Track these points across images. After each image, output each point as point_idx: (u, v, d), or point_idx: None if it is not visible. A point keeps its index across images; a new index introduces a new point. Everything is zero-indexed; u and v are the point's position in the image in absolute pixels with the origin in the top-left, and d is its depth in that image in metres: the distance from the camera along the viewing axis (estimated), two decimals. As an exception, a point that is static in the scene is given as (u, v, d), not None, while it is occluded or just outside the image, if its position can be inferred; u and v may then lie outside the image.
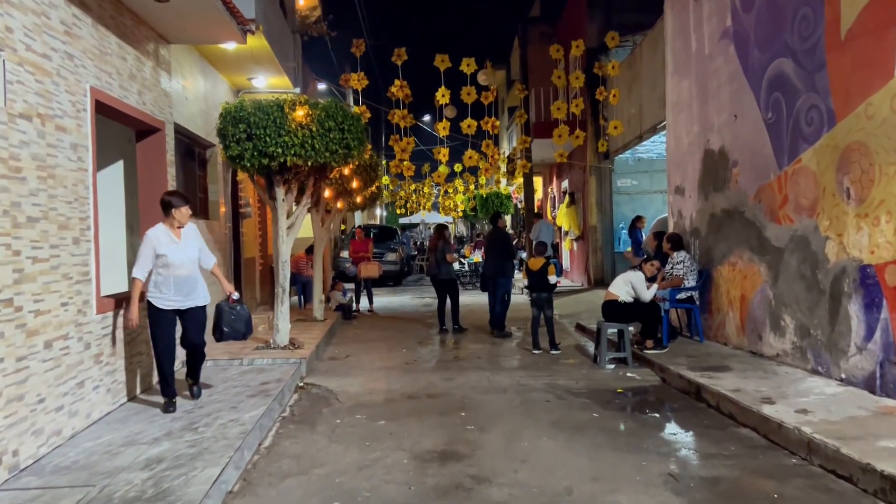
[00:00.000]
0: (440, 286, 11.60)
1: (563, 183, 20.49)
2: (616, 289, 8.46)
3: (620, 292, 8.41)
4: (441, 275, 11.43)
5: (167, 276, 5.89)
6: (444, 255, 11.41)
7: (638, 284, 8.33)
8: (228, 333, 6.66)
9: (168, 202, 5.96)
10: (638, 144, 13.97)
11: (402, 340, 10.72)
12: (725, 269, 8.46)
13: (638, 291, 8.33)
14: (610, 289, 8.54)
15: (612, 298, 8.43)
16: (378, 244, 23.09)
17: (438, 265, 11.44)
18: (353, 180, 10.98)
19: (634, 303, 8.38)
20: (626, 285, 8.40)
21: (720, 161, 8.53)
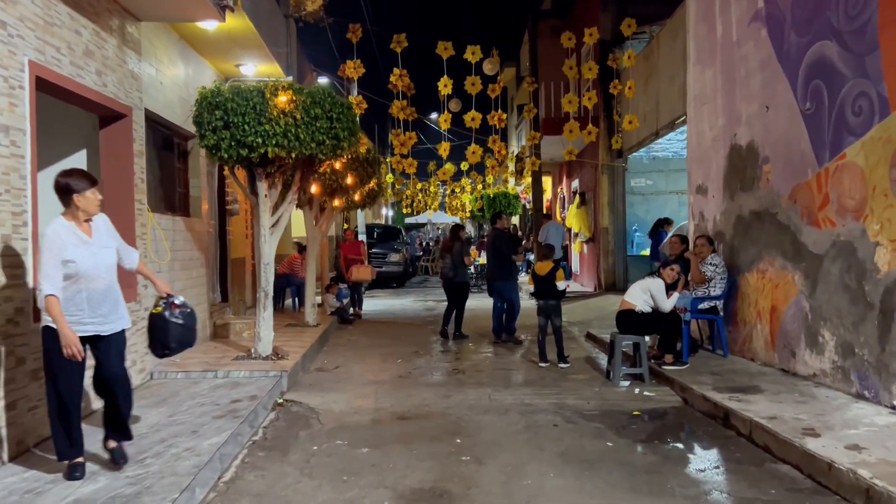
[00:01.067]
0: (455, 290, 10.85)
1: (574, 182, 19.67)
2: (632, 297, 7.65)
3: (637, 301, 7.60)
4: (457, 278, 10.73)
5: (79, 290, 4.26)
6: (461, 257, 10.70)
7: (657, 293, 7.53)
8: (176, 349, 5.05)
9: (66, 186, 4.23)
10: (654, 141, 13.15)
11: (398, 349, 9.94)
12: (753, 277, 7.64)
13: (657, 301, 7.52)
14: (625, 297, 7.73)
15: (627, 308, 7.62)
16: (381, 244, 22.38)
17: (455, 268, 10.68)
18: (348, 176, 10.21)
19: (652, 313, 7.58)
20: (643, 293, 7.60)
21: (748, 157, 7.72)
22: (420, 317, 14.02)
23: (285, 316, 12.44)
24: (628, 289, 7.86)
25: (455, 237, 10.81)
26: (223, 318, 9.94)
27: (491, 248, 10.41)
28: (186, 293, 8.33)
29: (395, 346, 10.17)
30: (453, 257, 10.68)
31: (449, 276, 10.78)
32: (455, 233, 10.88)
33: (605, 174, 15.67)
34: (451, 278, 10.76)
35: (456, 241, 10.78)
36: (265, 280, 7.88)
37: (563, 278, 9.27)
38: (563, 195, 21.69)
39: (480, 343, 10.46)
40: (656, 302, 7.54)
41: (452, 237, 10.85)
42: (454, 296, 10.89)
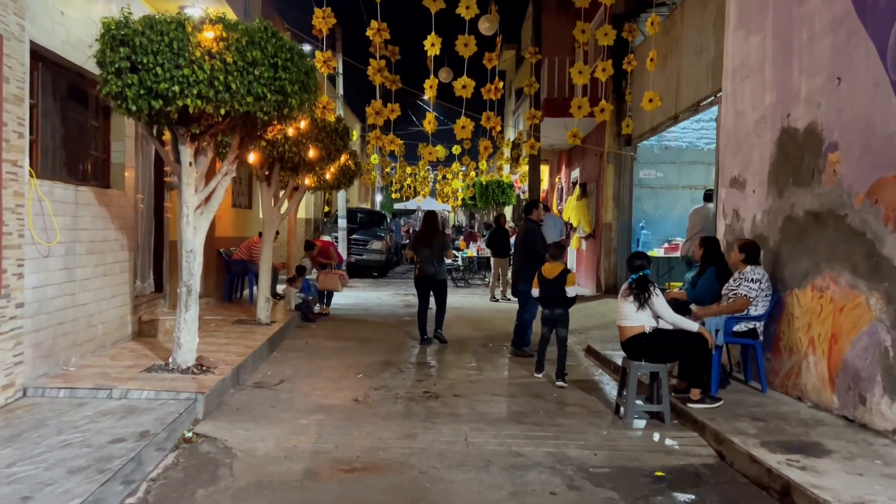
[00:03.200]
0: (433, 287, 9.41)
1: (574, 172, 18.03)
2: (631, 318, 6.00)
3: (640, 321, 5.96)
4: (440, 275, 9.38)
5: None
6: (442, 251, 9.37)
7: (661, 306, 5.90)
8: None
9: None
10: (671, 126, 11.50)
11: (363, 357, 8.30)
12: (806, 295, 6.03)
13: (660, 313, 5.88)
14: (623, 321, 6.07)
15: (634, 334, 5.98)
16: (363, 230, 20.70)
17: (437, 263, 9.30)
18: (310, 147, 8.52)
19: (669, 332, 5.94)
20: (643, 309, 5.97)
21: (807, 143, 6.09)
22: (396, 315, 12.37)
23: (237, 310, 10.77)
24: (619, 309, 6.19)
25: (433, 226, 9.40)
26: (153, 313, 8.26)
27: (521, 245, 8.74)
28: (93, 282, 6.66)
29: (361, 354, 8.52)
30: (433, 250, 9.24)
31: (430, 273, 9.29)
32: (432, 221, 9.48)
33: (610, 163, 14.02)
34: (432, 275, 9.30)
35: (436, 231, 9.40)
36: (188, 272, 6.21)
37: (575, 283, 7.66)
38: (562, 186, 20.05)
39: (462, 353, 8.84)
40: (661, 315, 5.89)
41: (431, 227, 9.40)
42: (429, 293, 9.47)
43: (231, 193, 12.81)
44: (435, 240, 9.31)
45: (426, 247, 9.30)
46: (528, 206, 9.24)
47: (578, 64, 8.89)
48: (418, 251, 9.38)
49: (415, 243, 9.52)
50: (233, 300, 11.95)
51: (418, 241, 9.44)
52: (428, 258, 9.26)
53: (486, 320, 11.88)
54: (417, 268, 9.38)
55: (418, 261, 9.35)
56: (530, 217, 9.03)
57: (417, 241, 9.48)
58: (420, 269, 9.35)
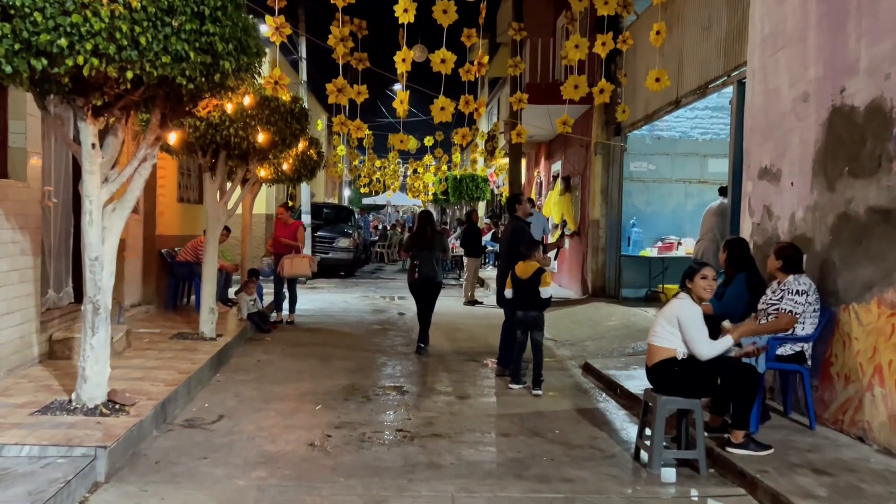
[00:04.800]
0: (432, 290, 8.75)
1: (554, 166, 16.86)
2: (663, 339, 4.79)
3: (671, 342, 4.76)
4: (438, 277, 8.79)
5: None
6: (440, 251, 8.87)
7: (689, 323, 4.69)
8: None
9: None
10: (672, 112, 10.36)
11: (325, 381, 7.01)
12: (870, 312, 4.89)
13: (687, 335, 4.68)
14: (653, 340, 4.86)
15: (664, 358, 4.77)
16: (328, 227, 19.31)
17: (436, 265, 8.72)
18: (258, 129, 7.16)
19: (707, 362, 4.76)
20: (672, 326, 4.76)
21: (871, 123, 4.94)
22: (364, 323, 11.07)
23: (180, 320, 9.37)
24: (652, 325, 5.00)
25: (430, 226, 8.93)
26: (70, 329, 6.85)
27: (507, 245, 7.52)
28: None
29: (321, 376, 7.22)
30: (433, 252, 8.66)
31: (431, 276, 8.62)
32: (430, 220, 9.03)
33: (598, 155, 12.86)
34: (432, 278, 8.65)
35: (434, 231, 8.97)
36: (93, 286, 4.83)
37: (549, 284, 6.57)
38: (541, 180, 18.88)
39: (439, 372, 7.58)
40: (686, 338, 4.68)
41: (428, 226, 8.90)
42: (431, 298, 8.78)
43: (177, 186, 11.37)
44: (434, 240, 8.79)
45: (425, 248, 8.66)
46: (511, 202, 8.00)
47: (575, 37, 7.66)
48: (417, 253, 8.69)
49: (412, 245, 8.89)
50: (178, 307, 10.53)
51: (416, 243, 8.80)
52: (427, 260, 8.61)
53: (462, 328, 10.64)
54: (417, 271, 8.62)
55: (417, 263, 8.63)
56: (516, 214, 7.80)
57: (415, 242, 8.85)
58: (420, 272, 8.62)
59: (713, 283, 4.82)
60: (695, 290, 4.79)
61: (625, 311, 10.84)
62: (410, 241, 9.17)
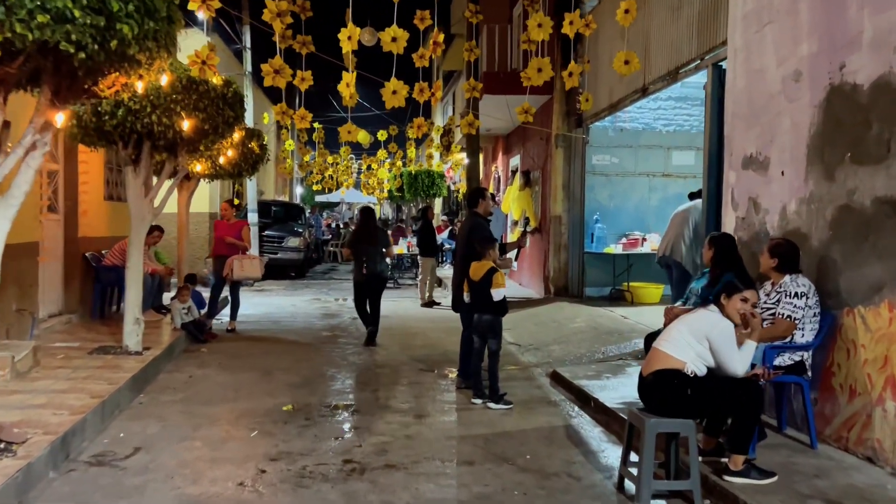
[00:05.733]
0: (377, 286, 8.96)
1: (513, 160, 16.26)
2: (677, 348, 4.16)
3: (687, 355, 4.13)
4: (384, 273, 9.19)
5: None
6: (384, 248, 9.09)
7: (724, 342, 4.09)
8: None
9: None
10: (638, 101, 9.79)
11: (264, 399, 6.21)
12: (880, 316, 4.33)
13: (724, 356, 4.08)
14: (663, 346, 4.21)
15: (669, 368, 4.13)
16: (278, 226, 18.35)
17: (381, 261, 8.92)
18: (183, 115, 6.30)
19: (713, 379, 4.15)
20: (696, 340, 4.14)
21: (874, 105, 4.38)
22: (312, 329, 10.26)
23: (104, 331, 8.41)
24: (667, 330, 4.36)
25: (373, 222, 9.22)
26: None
27: (464, 243, 6.81)
28: None
29: (261, 394, 6.42)
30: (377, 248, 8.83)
31: (377, 272, 8.85)
32: (372, 217, 9.25)
33: (559, 148, 12.25)
34: (378, 274, 8.89)
35: (377, 228, 9.33)
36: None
37: (503, 285, 5.88)
38: (499, 175, 18.28)
39: (394, 385, 6.83)
40: (721, 358, 4.10)
41: (371, 222, 9.16)
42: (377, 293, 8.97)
43: (104, 183, 10.38)
44: (378, 236, 9.00)
45: (370, 245, 8.78)
46: (473, 196, 7.28)
47: (538, 16, 6.98)
48: (362, 250, 8.77)
49: (356, 242, 8.95)
50: (105, 316, 9.55)
51: (361, 239, 8.89)
52: (373, 256, 8.73)
53: (419, 333, 9.91)
54: (365, 267, 8.70)
55: (365, 260, 8.68)
56: (475, 210, 7.10)
57: (360, 239, 8.92)
58: (367, 268, 8.71)
59: (751, 311, 4.17)
60: (728, 309, 4.16)
61: (590, 311, 10.26)
62: (354, 238, 9.05)
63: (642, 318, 9.30)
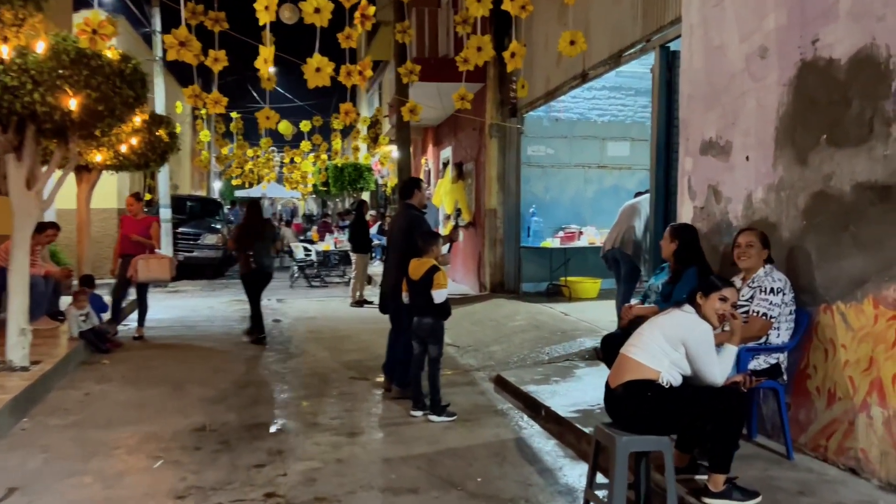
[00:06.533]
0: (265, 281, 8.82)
1: (444, 152, 15.68)
2: (648, 355, 3.65)
3: (659, 363, 3.63)
4: (272, 268, 8.96)
5: None
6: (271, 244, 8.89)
7: (702, 348, 3.60)
8: None
9: None
10: (578, 88, 9.35)
11: (173, 419, 5.42)
12: (863, 313, 3.94)
13: (702, 364, 3.60)
14: (633, 353, 3.68)
15: (641, 378, 3.61)
16: (193, 222, 17.23)
17: (262, 258, 8.60)
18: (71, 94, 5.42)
19: (690, 389, 3.66)
20: (671, 347, 3.64)
21: (854, 81, 3.98)
22: (233, 333, 9.42)
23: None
24: (636, 335, 3.83)
25: (260, 216, 8.96)
26: None
27: (401, 238, 6.18)
28: None
29: (169, 412, 5.62)
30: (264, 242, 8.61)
31: (266, 266, 8.69)
32: (259, 211, 9.01)
33: (493, 138, 11.73)
34: (267, 268, 8.74)
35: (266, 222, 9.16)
36: None
37: (445, 285, 5.29)
38: (429, 168, 17.68)
39: (323, 397, 6.13)
40: (699, 366, 3.62)
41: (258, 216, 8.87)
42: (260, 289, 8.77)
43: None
44: (266, 231, 8.79)
45: (258, 239, 8.52)
46: (408, 187, 6.63)
47: (476, -12, 6.42)
48: (249, 244, 8.50)
49: (243, 236, 8.62)
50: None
51: (248, 234, 8.58)
52: (261, 251, 8.53)
53: (350, 336, 9.21)
54: (252, 261, 8.50)
55: (252, 255, 8.48)
56: (410, 202, 6.46)
57: (247, 233, 8.59)
58: (256, 262, 8.52)
59: (731, 312, 3.69)
60: (705, 309, 3.66)
61: (529, 308, 9.79)
62: (241, 232, 8.74)
63: (584, 315, 8.90)
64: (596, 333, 7.61)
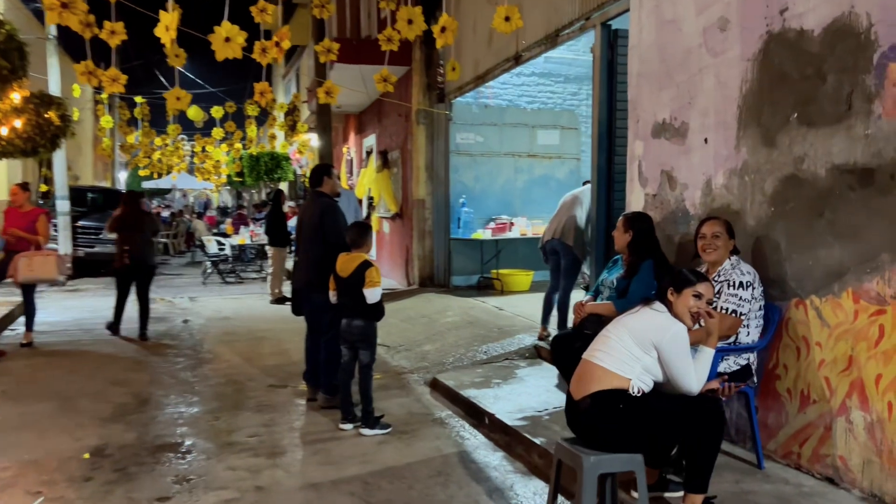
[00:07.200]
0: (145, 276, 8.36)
1: (367, 140, 15.01)
2: (617, 362, 3.19)
3: (630, 370, 3.18)
4: (151, 260, 8.63)
5: None
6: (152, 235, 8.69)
7: (677, 350, 3.17)
8: None
9: None
10: (511, 70, 8.88)
11: (60, 441, 4.63)
12: (837, 309, 3.60)
13: (676, 369, 3.17)
14: (599, 359, 3.22)
15: (610, 388, 3.15)
16: (96, 216, 15.90)
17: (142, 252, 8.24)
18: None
19: (664, 398, 3.23)
20: (642, 351, 3.19)
21: (829, 53, 3.63)
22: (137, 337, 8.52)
23: None
24: (602, 338, 3.36)
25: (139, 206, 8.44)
26: None
27: (311, 233, 5.56)
28: None
29: (58, 433, 4.82)
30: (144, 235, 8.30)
31: (143, 259, 8.28)
32: (135, 200, 8.47)
33: (421, 125, 11.17)
34: (145, 260, 8.34)
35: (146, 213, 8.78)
36: None
37: (378, 282, 4.72)
38: (351, 157, 16.97)
39: (237, 410, 5.44)
40: (673, 372, 3.18)
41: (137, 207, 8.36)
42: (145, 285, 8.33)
43: None
44: (146, 222, 8.43)
45: (135, 231, 8.15)
46: (318, 174, 5.92)
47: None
48: (126, 238, 8.11)
49: (120, 227, 8.15)
50: None
51: (125, 225, 8.13)
52: (138, 244, 8.18)
53: (269, 337, 8.48)
54: (127, 255, 8.09)
55: (127, 248, 8.08)
56: (321, 189, 5.80)
57: (124, 224, 8.13)
58: (131, 256, 8.10)
59: (706, 310, 3.27)
60: (677, 307, 3.24)
61: (461, 303, 9.31)
62: (117, 224, 8.21)
63: (519, 309, 8.49)
64: (534, 329, 7.20)
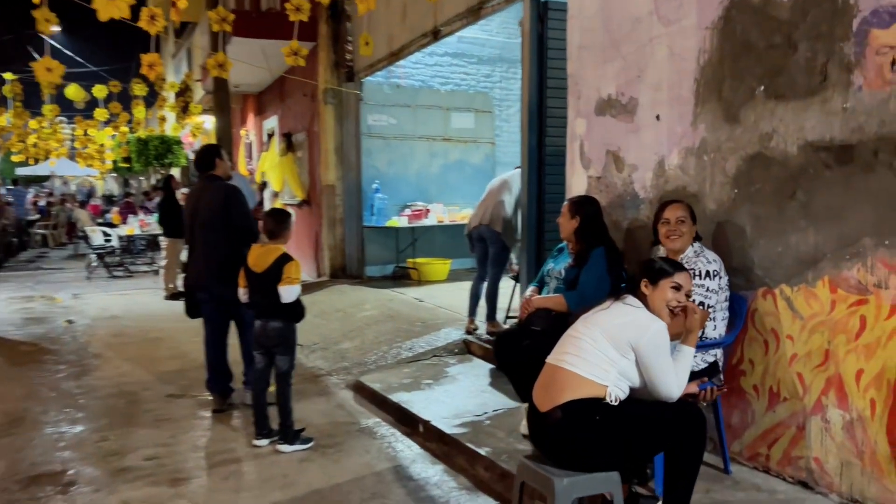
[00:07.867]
0: None
1: (268, 122, 14.11)
2: (591, 366, 2.76)
3: (606, 376, 2.75)
4: None
5: None
6: None
7: (657, 352, 2.78)
8: None
9: None
10: (428, 46, 8.33)
11: None
12: (811, 299, 3.32)
13: (655, 372, 2.78)
14: (570, 364, 2.78)
15: (585, 397, 2.72)
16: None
17: None
18: None
19: (641, 405, 2.82)
20: (619, 353, 2.77)
21: (801, 20, 3.32)
22: (9, 341, 7.49)
23: None
24: (571, 338, 2.91)
25: None
26: None
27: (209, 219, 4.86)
28: None
29: None
30: None
31: None
32: None
33: (329, 105, 10.47)
34: None
35: None
36: None
37: (298, 279, 4.13)
38: (250, 140, 15.98)
39: (131, 427, 4.71)
40: (652, 375, 2.79)
41: None
42: None
43: None
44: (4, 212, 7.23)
45: None
46: (207, 156, 5.18)
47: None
48: None
49: None
50: None
51: None
52: None
53: (165, 338, 7.65)
54: None
55: None
56: (214, 173, 5.11)
57: None
58: None
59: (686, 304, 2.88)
60: (653, 301, 2.83)
61: (378, 294, 8.76)
62: None
63: (440, 300, 8.03)
64: (459, 322, 6.75)
